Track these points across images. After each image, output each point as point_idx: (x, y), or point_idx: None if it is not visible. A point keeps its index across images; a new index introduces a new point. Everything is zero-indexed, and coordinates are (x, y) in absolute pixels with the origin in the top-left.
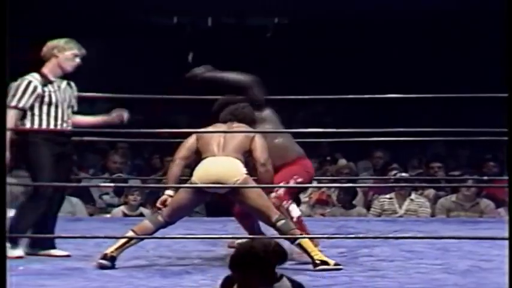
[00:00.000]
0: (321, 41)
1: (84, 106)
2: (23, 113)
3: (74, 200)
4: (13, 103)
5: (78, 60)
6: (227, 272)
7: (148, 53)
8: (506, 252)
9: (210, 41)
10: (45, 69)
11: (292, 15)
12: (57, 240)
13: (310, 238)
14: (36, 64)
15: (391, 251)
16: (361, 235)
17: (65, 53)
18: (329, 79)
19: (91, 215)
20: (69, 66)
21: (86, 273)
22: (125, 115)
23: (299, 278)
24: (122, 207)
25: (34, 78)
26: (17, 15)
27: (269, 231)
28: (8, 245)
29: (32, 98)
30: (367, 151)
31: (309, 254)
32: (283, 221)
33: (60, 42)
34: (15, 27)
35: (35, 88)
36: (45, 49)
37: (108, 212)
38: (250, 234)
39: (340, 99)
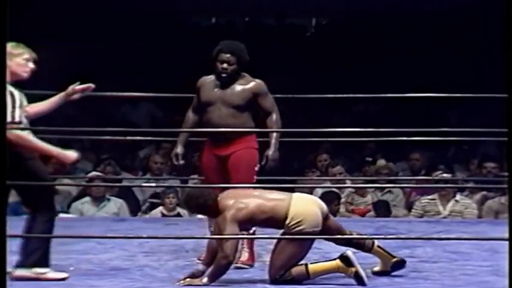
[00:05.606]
0: (359, 40)
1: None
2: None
3: (119, 201)
4: (16, 118)
5: (31, 65)
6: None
7: (187, 53)
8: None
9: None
10: None
11: (331, 15)
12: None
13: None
14: None
15: (435, 252)
16: (402, 236)
17: (16, 59)
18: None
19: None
20: (24, 72)
21: (130, 273)
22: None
23: (336, 281)
24: (161, 208)
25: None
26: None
27: None
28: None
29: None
30: (406, 152)
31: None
32: None
33: (7, 47)
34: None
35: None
36: None
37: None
38: None
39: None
